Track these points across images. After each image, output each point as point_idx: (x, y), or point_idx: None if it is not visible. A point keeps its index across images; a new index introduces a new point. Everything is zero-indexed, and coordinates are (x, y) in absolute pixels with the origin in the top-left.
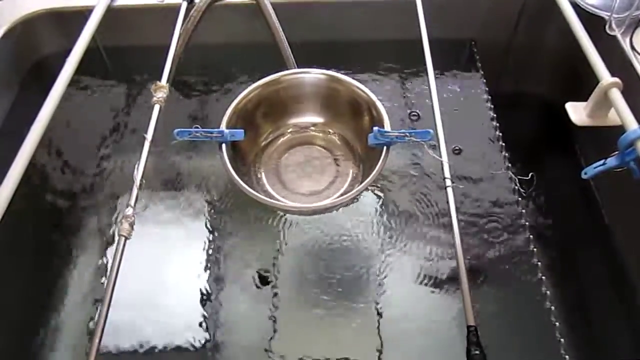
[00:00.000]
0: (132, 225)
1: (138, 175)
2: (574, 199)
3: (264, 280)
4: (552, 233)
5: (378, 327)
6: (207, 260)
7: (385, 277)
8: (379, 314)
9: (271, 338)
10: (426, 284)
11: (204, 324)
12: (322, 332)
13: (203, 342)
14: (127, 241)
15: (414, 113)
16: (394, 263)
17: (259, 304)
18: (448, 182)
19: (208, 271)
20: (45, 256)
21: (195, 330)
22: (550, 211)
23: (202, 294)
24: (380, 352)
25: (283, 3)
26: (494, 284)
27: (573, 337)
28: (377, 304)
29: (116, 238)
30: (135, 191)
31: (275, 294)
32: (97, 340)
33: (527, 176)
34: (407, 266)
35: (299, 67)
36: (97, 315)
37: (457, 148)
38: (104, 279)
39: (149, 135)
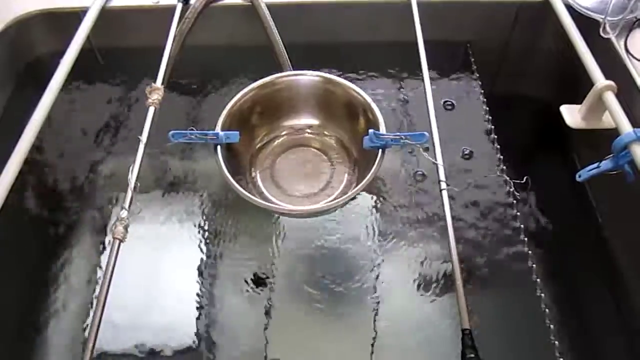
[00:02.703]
0: (126, 228)
1: (132, 177)
2: (568, 201)
3: (259, 281)
4: (546, 235)
5: (373, 330)
6: (202, 263)
7: (380, 279)
8: (374, 317)
9: (266, 340)
10: (422, 287)
11: (198, 327)
12: (317, 334)
13: (198, 345)
14: (122, 244)
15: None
16: (389, 266)
17: (254, 306)
18: (443, 185)
19: (203, 274)
20: (39, 259)
21: (189, 333)
22: (545, 213)
23: (196, 296)
24: (375, 355)
25: (279, 5)
26: (488, 287)
27: (567, 340)
28: (373, 306)
29: (110, 241)
30: (129, 194)
31: (270, 297)
32: (91, 345)
33: (522, 179)
34: (402, 268)
35: (294, 69)
36: (91, 318)
37: (452, 150)
38: (99, 282)
39: (144, 137)
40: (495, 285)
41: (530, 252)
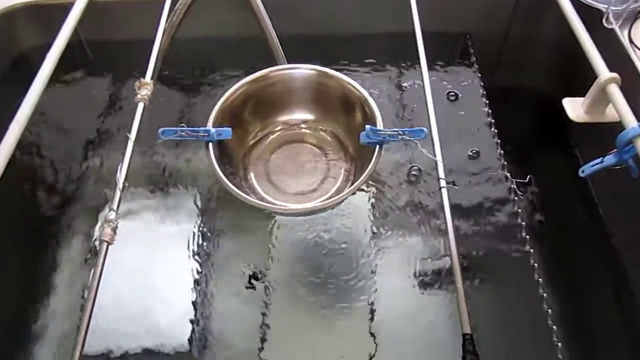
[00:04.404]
0: (114, 230)
1: (121, 177)
2: (570, 196)
3: (255, 279)
4: (548, 232)
5: (371, 332)
6: (196, 262)
7: (378, 278)
8: (372, 317)
9: (262, 341)
10: (421, 286)
11: (193, 327)
12: (314, 334)
13: (193, 345)
14: (114, 243)
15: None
16: (387, 264)
17: (250, 306)
18: (443, 183)
19: (197, 273)
20: (26, 262)
21: (184, 334)
22: (546, 209)
23: (191, 296)
24: (373, 357)
25: None
26: (489, 286)
27: (571, 341)
28: (370, 306)
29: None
30: (118, 194)
31: (267, 296)
32: (78, 352)
33: (522, 172)
34: (400, 267)
35: (288, 62)
36: (79, 323)
37: (451, 145)
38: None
39: (133, 135)
40: (497, 285)
41: (532, 250)
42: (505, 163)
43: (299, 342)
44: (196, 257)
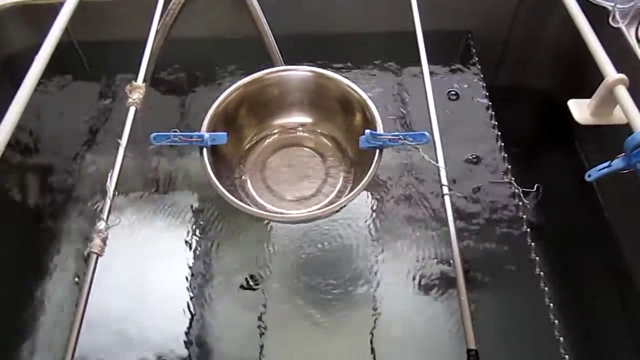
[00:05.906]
0: (104, 240)
1: (111, 185)
2: (575, 200)
3: (251, 285)
4: (552, 238)
5: (371, 340)
6: (192, 269)
7: (379, 286)
8: (373, 325)
9: (260, 351)
10: (422, 294)
11: (189, 336)
12: (313, 342)
13: (190, 355)
14: (107, 248)
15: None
16: (388, 272)
17: (247, 313)
18: (445, 190)
19: (193, 280)
20: (16, 272)
21: (181, 343)
22: (551, 214)
23: (187, 304)
24: None
25: None
26: (494, 295)
27: (578, 352)
28: (371, 314)
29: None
30: (108, 203)
31: (264, 304)
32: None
33: (525, 177)
34: (402, 275)
35: (285, 62)
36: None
37: (451, 147)
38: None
39: (124, 141)
40: (501, 294)
41: (537, 258)
42: (509, 167)
43: (298, 351)
44: (191, 265)
